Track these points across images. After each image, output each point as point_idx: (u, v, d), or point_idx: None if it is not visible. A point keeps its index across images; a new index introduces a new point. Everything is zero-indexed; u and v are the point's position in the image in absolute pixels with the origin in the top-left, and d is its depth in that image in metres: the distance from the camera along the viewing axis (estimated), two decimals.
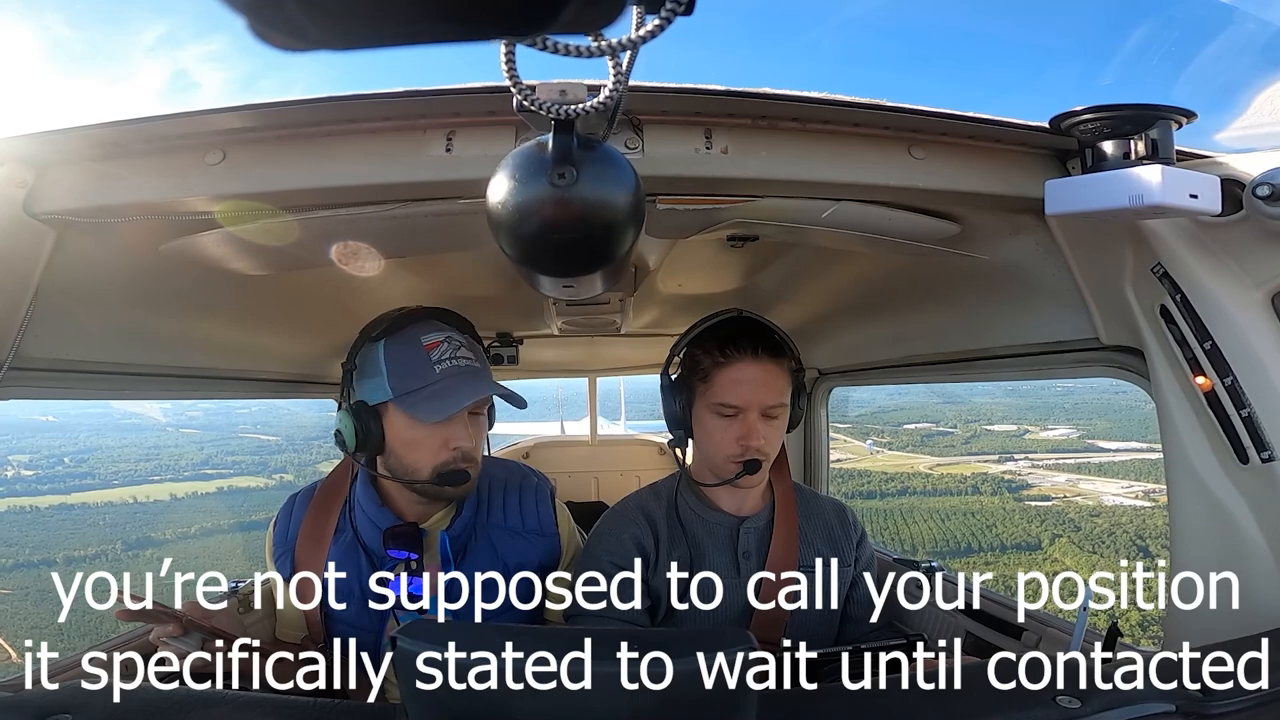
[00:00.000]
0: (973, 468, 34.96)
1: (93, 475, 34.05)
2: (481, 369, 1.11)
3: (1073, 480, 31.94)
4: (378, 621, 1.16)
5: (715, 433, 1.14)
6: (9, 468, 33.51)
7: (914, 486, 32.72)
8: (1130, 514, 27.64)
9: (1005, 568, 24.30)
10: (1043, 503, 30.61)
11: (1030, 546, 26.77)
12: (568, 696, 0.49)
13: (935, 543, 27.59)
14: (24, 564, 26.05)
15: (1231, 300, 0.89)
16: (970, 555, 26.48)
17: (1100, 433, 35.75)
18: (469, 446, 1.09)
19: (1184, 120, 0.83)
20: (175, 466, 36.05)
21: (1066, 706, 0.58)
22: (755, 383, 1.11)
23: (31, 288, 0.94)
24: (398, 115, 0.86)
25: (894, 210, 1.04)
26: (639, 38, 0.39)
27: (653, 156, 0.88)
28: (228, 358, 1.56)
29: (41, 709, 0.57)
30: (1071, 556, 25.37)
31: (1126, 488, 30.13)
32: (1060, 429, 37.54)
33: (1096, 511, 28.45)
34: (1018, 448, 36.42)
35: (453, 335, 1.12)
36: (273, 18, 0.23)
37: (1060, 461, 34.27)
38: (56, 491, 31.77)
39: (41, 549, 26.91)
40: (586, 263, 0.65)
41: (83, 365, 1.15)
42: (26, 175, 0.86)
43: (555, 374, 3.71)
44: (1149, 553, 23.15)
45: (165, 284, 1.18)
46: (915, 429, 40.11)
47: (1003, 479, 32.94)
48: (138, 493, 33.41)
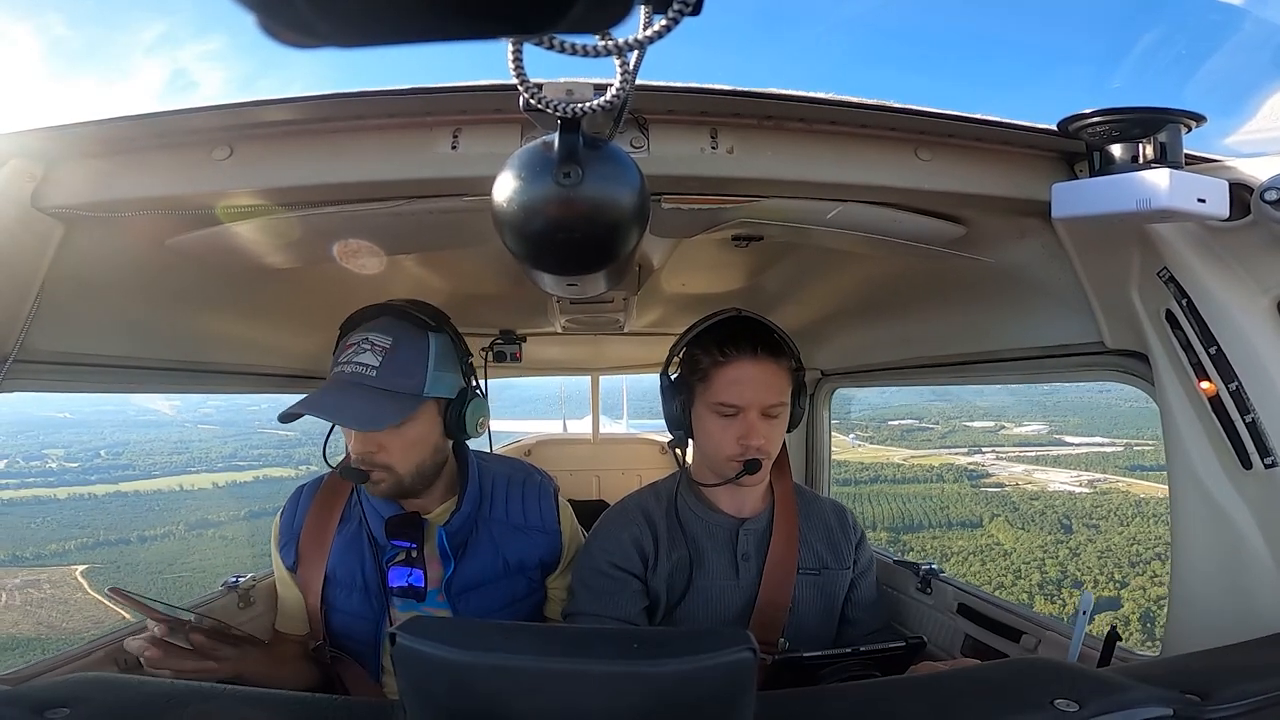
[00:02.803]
0: (942, 459, 39.17)
1: (132, 467, 38.19)
2: (377, 377, 1.05)
3: (1028, 470, 36.27)
4: (378, 611, 1.17)
5: (715, 432, 1.13)
6: (48, 460, 37.53)
7: (886, 475, 37.17)
8: (1065, 498, 32.23)
9: (948, 540, 30.01)
10: (995, 489, 34.99)
11: (973, 524, 31.19)
12: (565, 695, 0.50)
13: (892, 519, 32.00)
14: (104, 542, 29.88)
15: (1237, 305, 0.89)
16: (921, 531, 30.88)
17: (1070, 428, 39.66)
18: (361, 451, 1.08)
19: (1193, 124, 0.82)
20: (207, 459, 40.44)
21: (1065, 710, 0.58)
22: (754, 382, 1.10)
23: (38, 281, 0.95)
24: (404, 112, 0.86)
25: (899, 212, 1.04)
26: (646, 37, 0.39)
27: (658, 156, 0.88)
28: (233, 353, 1.56)
29: (40, 702, 0.57)
30: (1004, 532, 30.05)
31: (1074, 476, 34.34)
32: (1033, 425, 41.22)
33: (1037, 496, 32.99)
34: (989, 442, 40.49)
35: (371, 335, 1.08)
36: (283, 14, 0.23)
37: (1022, 454, 38.46)
38: (105, 481, 36.01)
39: (114, 530, 30.77)
40: (591, 261, 0.65)
41: (88, 359, 1.15)
42: (35, 169, 0.87)
43: (558, 372, 3.71)
44: (1070, 529, 28.78)
45: (171, 279, 1.18)
46: (898, 424, 44.17)
47: (965, 469, 37.43)
48: (183, 481, 37.81)
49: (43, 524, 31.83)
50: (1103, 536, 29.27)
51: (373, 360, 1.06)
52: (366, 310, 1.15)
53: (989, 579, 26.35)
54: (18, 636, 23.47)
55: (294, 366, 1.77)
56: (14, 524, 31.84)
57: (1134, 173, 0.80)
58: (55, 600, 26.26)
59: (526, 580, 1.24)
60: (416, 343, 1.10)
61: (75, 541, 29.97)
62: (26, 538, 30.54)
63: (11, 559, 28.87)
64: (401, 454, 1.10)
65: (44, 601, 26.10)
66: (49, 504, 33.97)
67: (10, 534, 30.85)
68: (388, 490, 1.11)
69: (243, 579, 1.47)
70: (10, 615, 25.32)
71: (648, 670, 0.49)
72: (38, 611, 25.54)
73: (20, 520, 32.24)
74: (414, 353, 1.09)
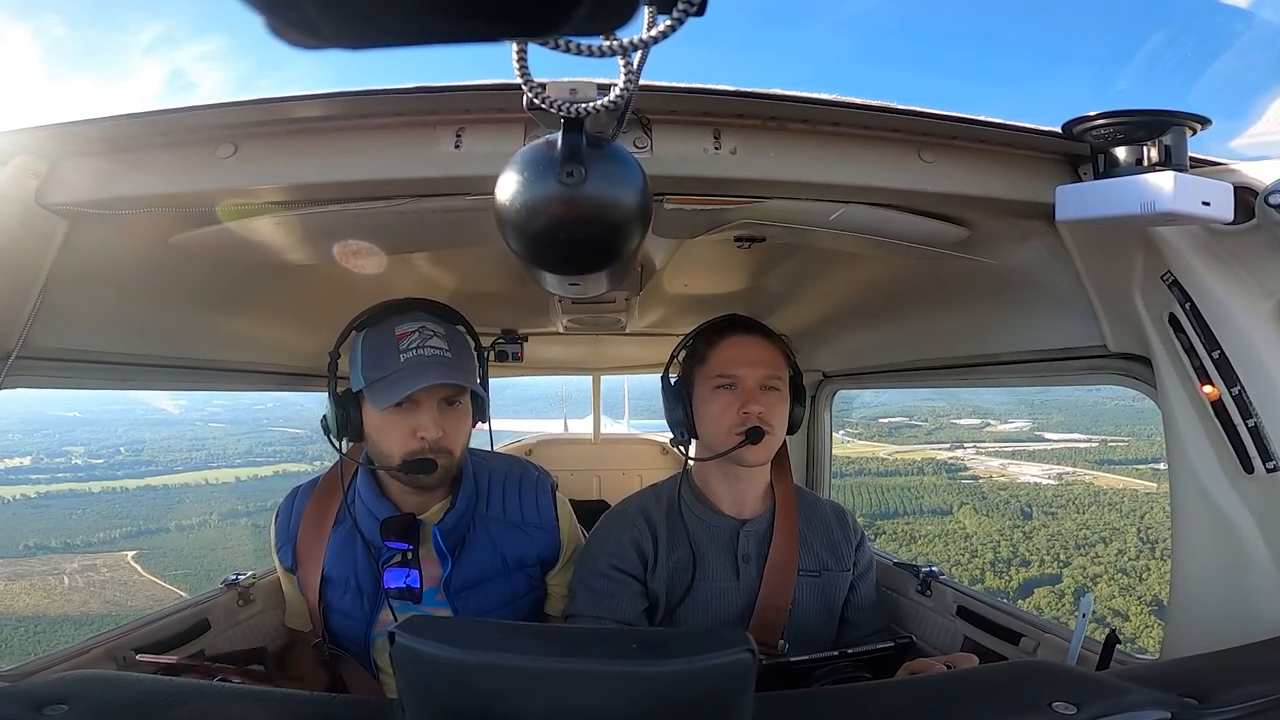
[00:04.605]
0: (925, 454, 41.76)
1: (155, 463, 40.46)
2: (454, 360, 1.11)
3: (1004, 464, 38.76)
4: (371, 611, 1.17)
5: (716, 408, 1.16)
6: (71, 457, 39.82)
7: (870, 468, 39.88)
8: (1030, 489, 35.60)
9: (919, 525, 32.93)
10: (969, 481, 37.61)
11: (942, 512, 34.24)
12: (564, 695, 0.50)
13: (870, 506, 34.68)
14: (145, 531, 32.25)
15: (1241, 309, 0.88)
16: (895, 518, 33.52)
17: (1052, 426, 42.01)
18: (434, 436, 1.09)
19: (1198, 127, 0.82)
20: (225, 455, 42.71)
21: (1063, 713, 0.58)
22: (751, 354, 1.16)
23: (42, 278, 0.95)
24: (408, 111, 0.86)
25: (902, 214, 1.04)
26: (651, 38, 0.39)
27: (661, 156, 0.88)
28: (236, 350, 1.57)
29: (39, 699, 0.57)
30: (969, 518, 32.79)
31: (1044, 470, 36.87)
32: (1018, 422, 43.46)
33: (1004, 487, 35.87)
34: (972, 438, 42.83)
35: (427, 325, 1.12)
36: (289, 16, 0.23)
37: (1000, 449, 40.94)
38: (131, 476, 38.33)
39: (152, 520, 32.97)
40: (593, 261, 0.65)
41: (91, 355, 1.16)
42: (39, 167, 0.87)
43: (559, 371, 3.71)
44: (1030, 516, 31.81)
45: (174, 276, 1.19)
46: (887, 422, 46.58)
47: (945, 463, 40.06)
48: (208, 476, 40.18)
49: (84, 515, 33.85)
50: (1056, 522, 31.81)
51: (442, 345, 1.11)
52: (392, 304, 1.17)
53: (948, 557, 28.90)
54: (89, 614, 25.58)
55: (297, 364, 1.78)
56: (57, 515, 33.74)
57: (1138, 175, 0.80)
58: (115, 582, 28.60)
59: (526, 577, 1.24)
60: (460, 335, 1.17)
61: (119, 530, 32.13)
62: (72, 527, 32.55)
63: (64, 546, 30.80)
64: (458, 439, 1.14)
65: (105, 583, 28.44)
66: (85, 497, 35.97)
67: (56, 524, 32.73)
68: (443, 478, 1.13)
69: (242, 576, 1.47)
70: (79, 595, 27.42)
71: (647, 671, 0.49)
72: (102, 592, 27.83)
73: (61, 512, 34.19)
74: (462, 341, 1.16)
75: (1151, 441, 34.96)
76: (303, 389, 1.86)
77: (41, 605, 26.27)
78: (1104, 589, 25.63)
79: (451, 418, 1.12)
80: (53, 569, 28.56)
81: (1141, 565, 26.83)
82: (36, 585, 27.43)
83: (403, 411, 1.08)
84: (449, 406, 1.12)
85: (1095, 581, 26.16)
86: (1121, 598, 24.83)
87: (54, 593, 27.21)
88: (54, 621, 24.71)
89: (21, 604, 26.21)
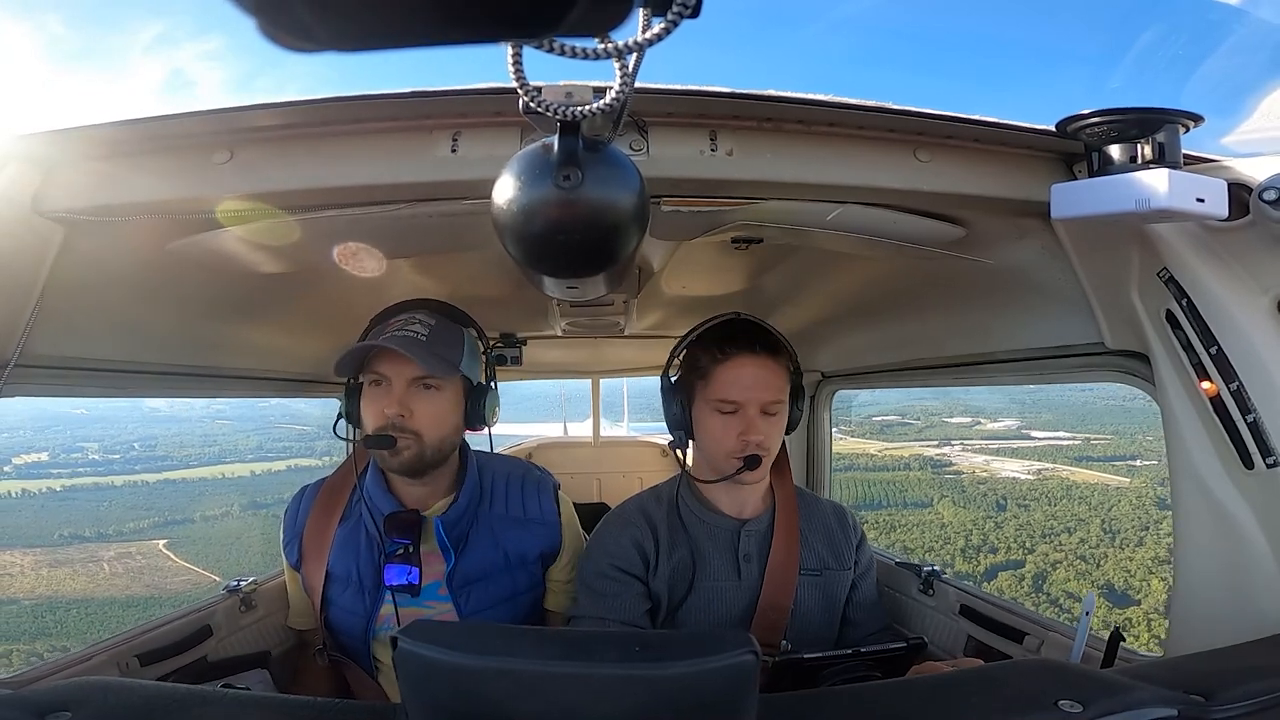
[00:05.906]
0: (913, 450, 42.98)
1: (170, 458, 41.44)
2: (426, 344, 1.11)
3: (987, 460, 39.96)
4: (371, 606, 1.18)
5: (716, 430, 1.14)
6: (87, 453, 40.61)
7: (859, 464, 41.05)
8: (1006, 484, 37.01)
9: (899, 516, 34.45)
10: (952, 476, 39.04)
11: (923, 504, 35.73)
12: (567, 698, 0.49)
13: (856, 499, 35.62)
14: (172, 521, 33.39)
15: (1238, 305, 0.88)
16: (879, 510, 35.41)
17: (1040, 424, 43.03)
18: (393, 413, 1.10)
19: (1191, 124, 0.82)
20: (237, 450, 43.70)
21: (1069, 711, 0.58)
22: (754, 379, 1.12)
23: (38, 285, 0.95)
24: (404, 116, 0.87)
25: (899, 213, 1.04)
26: (645, 40, 0.39)
27: (658, 158, 0.88)
28: (235, 357, 1.56)
29: (43, 706, 0.57)
30: (947, 511, 34.26)
31: (1025, 466, 38.05)
32: (1007, 420, 44.37)
33: (983, 481, 37.80)
34: (960, 435, 43.88)
35: (418, 315, 1.16)
36: (282, 19, 0.23)
37: (985, 446, 42.09)
38: (150, 470, 39.30)
39: (178, 512, 34.10)
40: (591, 264, 0.65)
41: (89, 363, 1.16)
42: (35, 174, 0.87)
43: (559, 375, 3.71)
44: (1004, 508, 33.33)
45: (171, 283, 1.19)
46: (880, 420, 47.68)
47: (931, 459, 41.41)
48: (224, 470, 41.12)
49: (111, 506, 34.65)
50: (1027, 514, 33.10)
51: (422, 330, 1.14)
52: (405, 304, 1.23)
53: (923, 544, 30.35)
54: (134, 597, 26.83)
55: (295, 370, 1.77)
56: (84, 507, 34.49)
57: (1132, 173, 0.80)
58: (152, 568, 29.55)
59: (528, 574, 1.25)
60: (454, 329, 1.20)
61: (147, 521, 33.11)
62: (102, 518, 33.34)
63: (98, 536, 31.62)
64: (430, 423, 1.13)
65: (142, 570, 29.47)
66: (108, 490, 36.78)
67: (85, 515, 33.52)
68: (409, 460, 1.13)
69: (244, 582, 1.47)
70: (120, 580, 28.59)
71: (650, 673, 0.49)
72: (140, 577, 28.88)
73: (88, 504, 34.92)
74: (453, 335, 1.18)
75: (1132, 439, 35.81)
76: (303, 395, 1.86)
77: (88, 589, 27.13)
78: (1061, 574, 26.74)
79: (422, 400, 1.13)
80: (91, 556, 29.41)
81: (1100, 553, 27.83)
82: (79, 571, 28.29)
83: (379, 390, 1.12)
84: (423, 390, 1.13)
85: (1055, 567, 27.39)
86: (1076, 581, 25.99)
87: (96, 578, 28.09)
88: (102, 604, 25.71)
89: (69, 589, 27.00)
